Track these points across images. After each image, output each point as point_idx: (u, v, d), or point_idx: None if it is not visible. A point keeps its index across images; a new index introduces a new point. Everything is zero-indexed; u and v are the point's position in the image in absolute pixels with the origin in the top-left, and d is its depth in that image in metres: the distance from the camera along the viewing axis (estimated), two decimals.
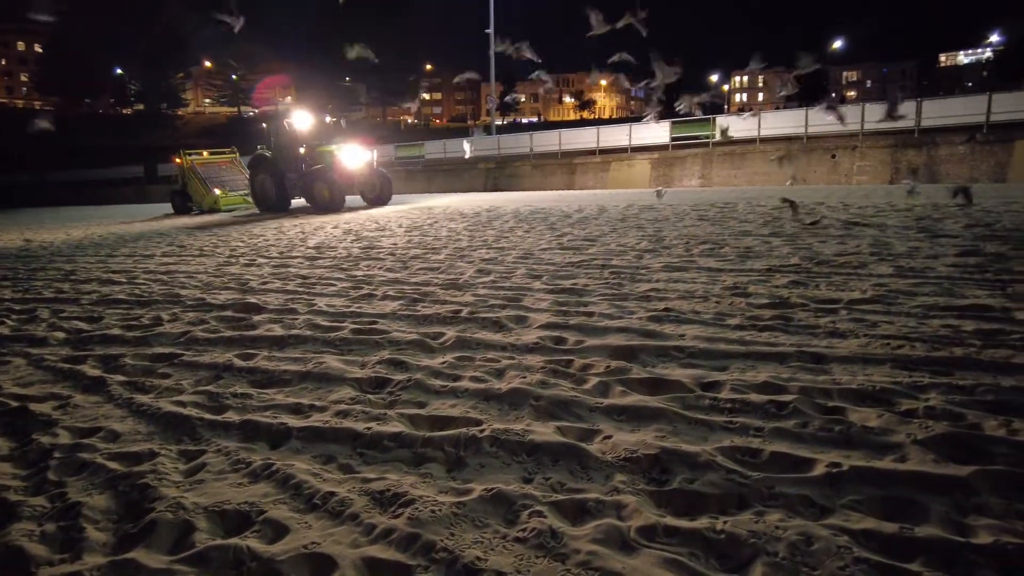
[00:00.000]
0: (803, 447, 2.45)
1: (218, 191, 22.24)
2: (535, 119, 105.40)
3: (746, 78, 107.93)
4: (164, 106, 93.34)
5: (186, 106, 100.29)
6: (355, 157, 17.98)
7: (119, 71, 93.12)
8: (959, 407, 2.67)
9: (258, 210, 19.62)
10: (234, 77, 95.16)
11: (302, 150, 18.27)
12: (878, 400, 2.82)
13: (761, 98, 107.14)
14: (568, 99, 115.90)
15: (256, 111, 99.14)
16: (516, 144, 28.39)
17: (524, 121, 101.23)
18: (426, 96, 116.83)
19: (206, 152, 24.17)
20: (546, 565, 1.84)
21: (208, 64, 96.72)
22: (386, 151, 30.71)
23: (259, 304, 5.50)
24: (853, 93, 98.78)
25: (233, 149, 25.19)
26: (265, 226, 14.18)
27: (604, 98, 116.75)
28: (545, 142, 27.38)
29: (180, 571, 1.91)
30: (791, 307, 4.41)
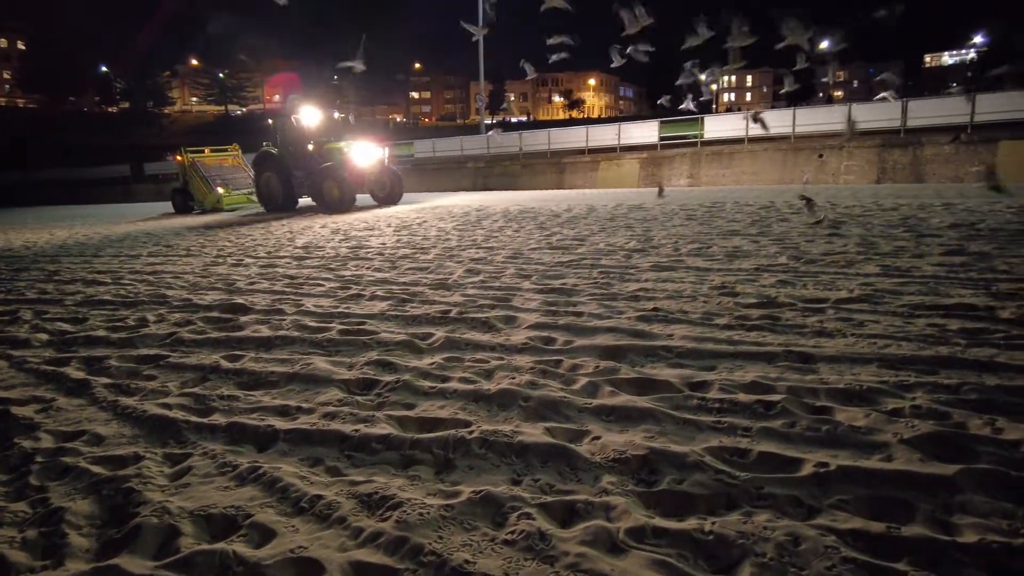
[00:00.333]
0: (791, 447, 2.46)
1: (221, 189, 21.44)
2: (524, 118, 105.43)
3: (734, 78, 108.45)
4: (150, 104, 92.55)
5: (173, 104, 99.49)
6: (367, 155, 17.21)
7: (104, 69, 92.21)
8: (944, 406, 2.69)
9: (264, 209, 18.88)
10: (220, 76, 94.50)
11: (310, 147, 17.43)
12: (865, 399, 2.84)
13: (749, 98, 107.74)
14: (557, 98, 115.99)
15: (243, 110, 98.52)
16: (506, 143, 28.36)
17: (513, 120, 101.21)
18: (415, 95, 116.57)
19: (208, 149, 23.32)
20: (535, 568, 1.84)
21: (195, 62, 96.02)
22: None
23: (246, 305, 5.46)
24: (840, 93, 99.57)
25: (235, 146, 24.32)
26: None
27: (593, 97, 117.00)
28: (535, 141, 27.36)
29: None
30: (779, 306, 4.43)
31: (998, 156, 16.97)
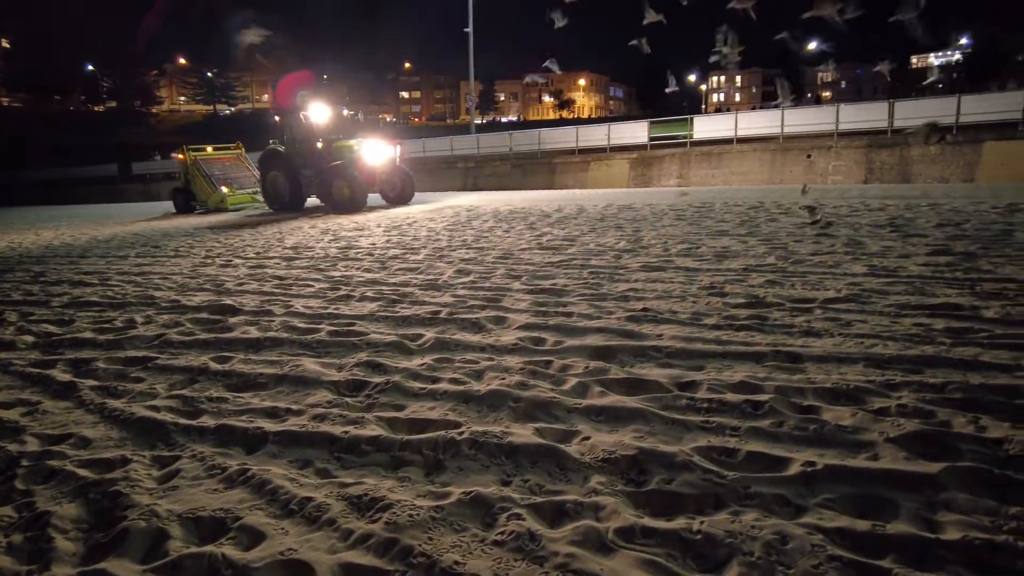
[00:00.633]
0: (779, 446, 2.48)
1: (225, 189, 20.76)
2: (515, 118, 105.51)
3: (723, 78, 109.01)
4: (137, 103, 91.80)
5: (160, 104, 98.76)
6: (378, 153, 16.54)
7: (90, 67, 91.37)
8: (930, 405, 2.73)
9: (270, 209, 18.24)
10: (209, 75, 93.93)
11: (319, 145, 16.75)
12: (852, 399, 2.86)
13: (739, 98, 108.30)
14: (547, 98, 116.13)
15: (232, 110, 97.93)
16: (496, 143, 28.35)
17: (504, 120, 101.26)
18: (405, 94, 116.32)
19: (210, 148, 22.58)
20: (524, 568, 1.84)
21: (182, 61, 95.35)
22: None
23: (235, 306, 5.43)
24: (828, 93, 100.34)
25: (238, 144, 23.62)
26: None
27: (583, 97, 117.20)
28: (525, 141, 27.37)
29: None
30: (767, 306, 4.46)
31: (983, 156, 17.17)
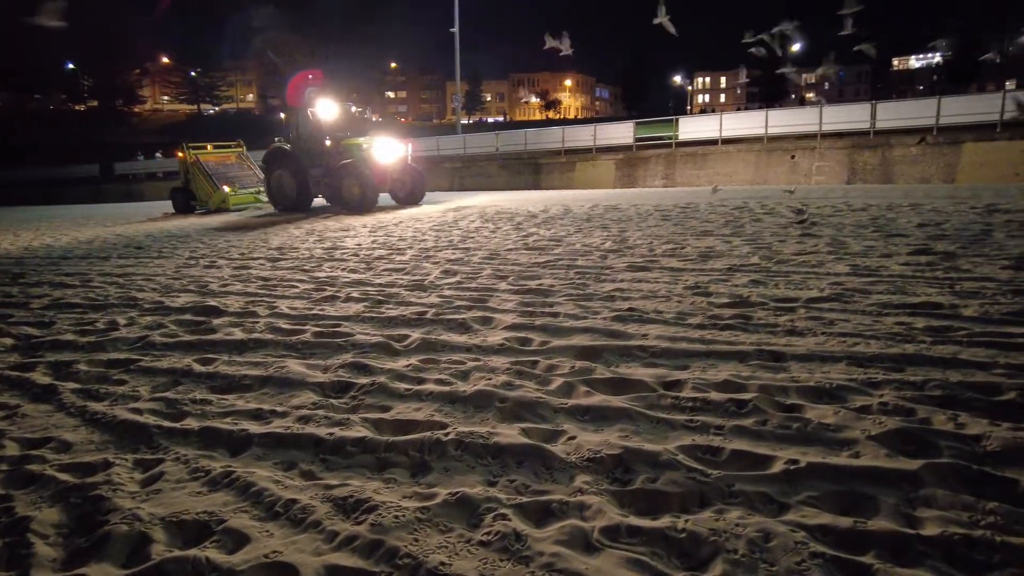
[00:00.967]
0: (762, 444, 2.50)
1: (227, 188, 19.98)
2: (501, 118, 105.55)
3: (708, 79, 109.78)
4: (120, 102, 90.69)
5: (143, 103, 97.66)
6: (389, 151, 15.94)
7: (71, 65, 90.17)
8: (910, 402, 2.76)
9: (275, 209, 17.46)
10: (192, 74, 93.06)
11: (328, 143, 16.11)
12: (834, 397, 2.90)
13: (723, 99, 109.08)
14: (534, 99, 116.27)
15: (216, 109, 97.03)
16: (483, 143, 28.34)
17: (490, 120, 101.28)
18: (391, 94, 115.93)
19: (210, 146, 21.78)
20: (510, 568, 1.85)
21: (165, 60, 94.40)
22: None
23: (219, 307, 5.39)
24: (812, 95, 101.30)
25: (239, 142, 22.85)
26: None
27: (569, 98, 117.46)
28: (511, 142, 27.38)
29: None
30: (751, 306, 4.49)
31: (962, 157, 17.42)
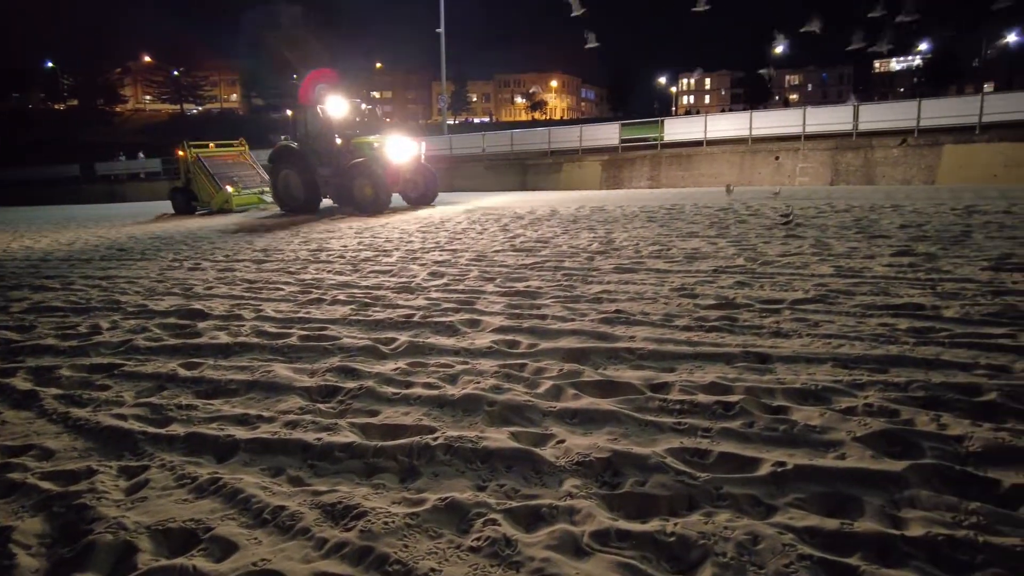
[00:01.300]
0: (749, 447, 2.52)
1: (230, 188, 19.36)
2: (487, 119, 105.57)
3: (693, 80, 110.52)
4: (101, 102, 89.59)
5: (125, 102, 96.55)
6: (402, 150, 15.37)
7: (50, 64, 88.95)
8: (894, 404, 2.80)
9: (281, 210, 16.85)
10: (175, 73, 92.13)
11: (338, 141, 15.47)
12: (820, 399, 2.93)
13: (708, 100, 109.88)
14: (519, 99, 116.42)
15: (199, 109, 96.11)
16: (469, 144, 28.33)
17: (476, 121, 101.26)
18: (376, 94, 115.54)
19: (212, 144, 21.07)
20: (500, 574, 1.84)
21: (148, 59, 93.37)
22: None
23: (204, 310, 5.34)
24: (795, 96, 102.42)
25: (242, 141, 22.21)
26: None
27: (555, 99, 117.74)
28: (498, 143, 27.39)
29: None
30: (736, 307, 4.53)
31: (942, 159, 17.67)
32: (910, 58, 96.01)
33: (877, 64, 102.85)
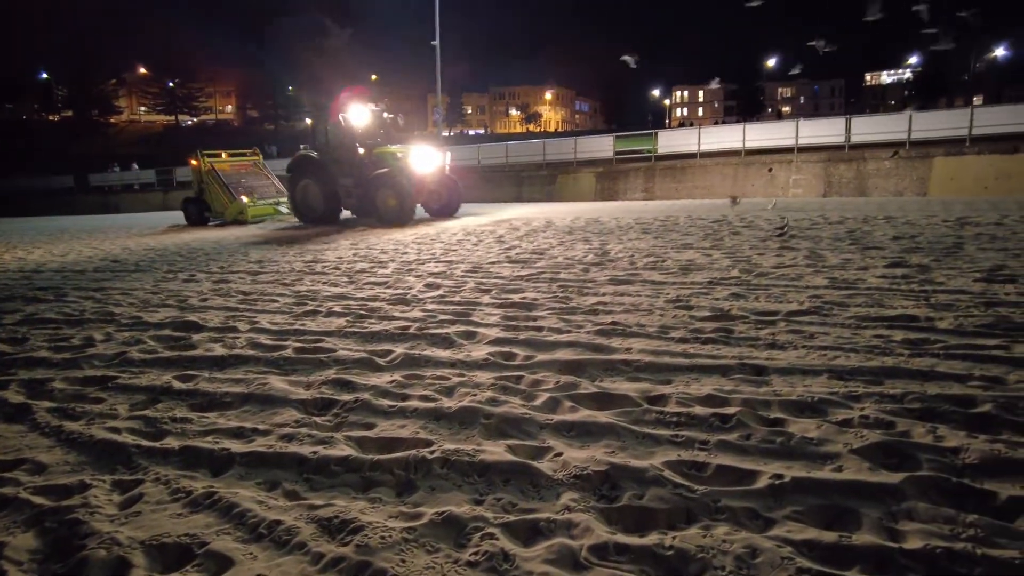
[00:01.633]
0: (747, 459, 2.52)
1: (246, 199, 18.76)
2: (482, 131, 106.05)
3: (686, 93, 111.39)
4: (95, 113, 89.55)
5: (120, 114, 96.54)
6: (427, 160, 14.98)
7: (44, 75, 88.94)
8: (890, 415, 2.80)
9: (300, 222, 16.36)
10: (170, 84, 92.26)
11: (360, 151, 15.08)
12: (816, 411, 2.93)
13: (701, 112, 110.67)
14: (514, 111, 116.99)
15: (194, 120, 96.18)
16: (464, 156, 28.42)
17: (471, 133, 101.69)
18: (372, 107, 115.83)
19: (225, 153, 20.62)
20: None
21: (143, 70, 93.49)
22: None
23: (198, 322, 5.31)
24: (788, 108, 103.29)
25: (256, 150, 21.92)
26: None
27: (550, 111, 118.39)
28: (493, 155, 27.51)
29: None
30: (732, 319, 4.54)
31: (933, 171, 17.83)
32: (900, 71, 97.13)
33: (868, 77, 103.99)
